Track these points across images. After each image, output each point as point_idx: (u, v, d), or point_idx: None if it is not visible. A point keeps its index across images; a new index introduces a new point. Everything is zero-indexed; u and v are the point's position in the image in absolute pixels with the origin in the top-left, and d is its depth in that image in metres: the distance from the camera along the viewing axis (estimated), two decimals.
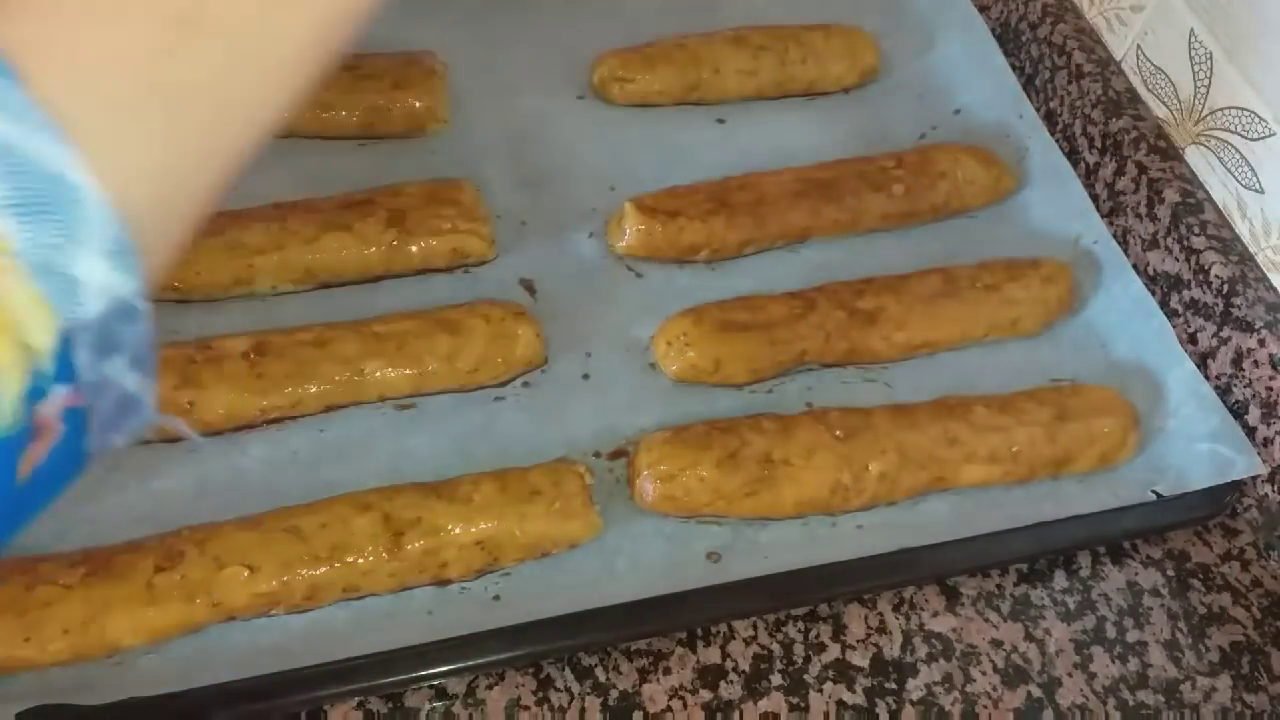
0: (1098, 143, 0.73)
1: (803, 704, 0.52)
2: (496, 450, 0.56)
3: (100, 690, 0.46)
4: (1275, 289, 0.64)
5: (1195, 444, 0.60)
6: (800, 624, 0.54)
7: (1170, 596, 0.58)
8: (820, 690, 0.52)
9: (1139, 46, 0.74)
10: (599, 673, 0.52)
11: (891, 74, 0.79)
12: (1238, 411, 0.63)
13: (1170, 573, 0.59)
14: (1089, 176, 0.74)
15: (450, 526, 0.51)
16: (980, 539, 0.56)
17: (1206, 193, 0.69)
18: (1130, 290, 0.67)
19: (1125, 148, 0.71)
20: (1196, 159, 0.70)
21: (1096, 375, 0.63)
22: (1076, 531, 0.58)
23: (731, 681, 0.52)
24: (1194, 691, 0.54)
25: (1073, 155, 0.75)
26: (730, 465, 0.54)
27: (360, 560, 0.50)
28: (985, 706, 0.53)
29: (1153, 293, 0.67)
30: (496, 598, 0.52)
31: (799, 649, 0.53)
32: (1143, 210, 0.70)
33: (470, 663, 0.50)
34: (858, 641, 0.54)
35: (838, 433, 0.56)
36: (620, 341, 0.62)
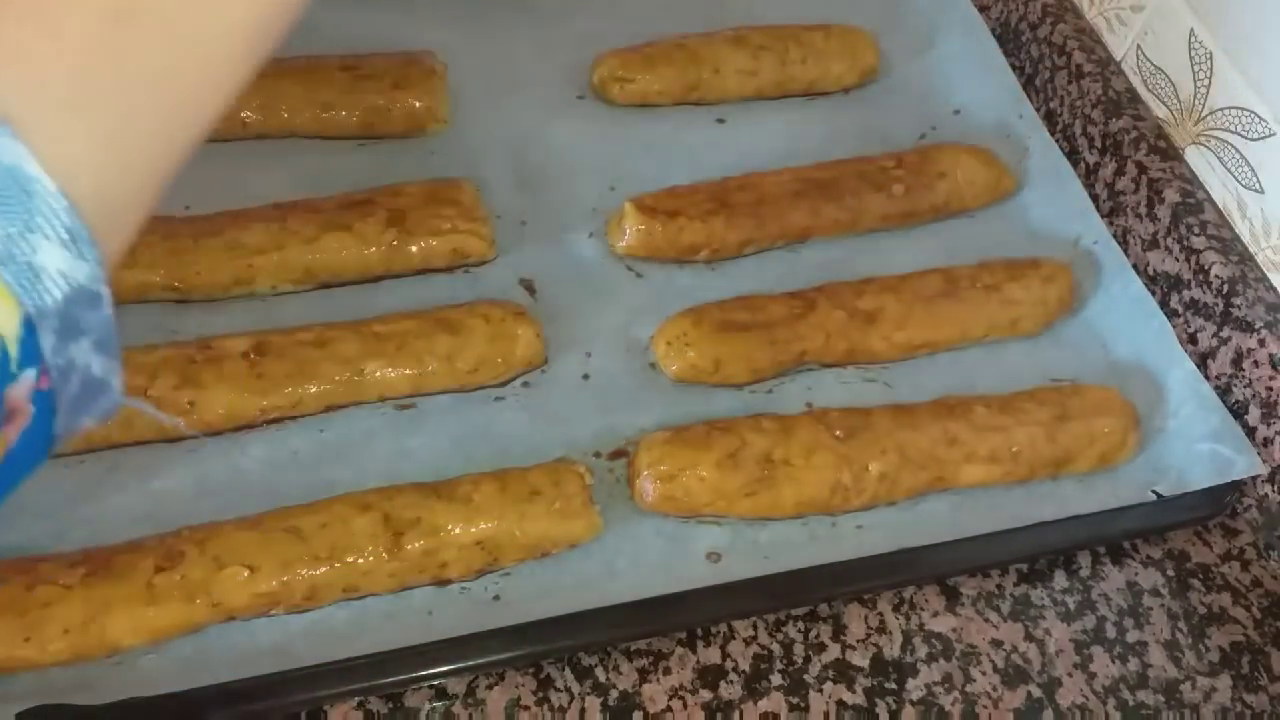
0: (1098, 143, 0.73)
1: (803, 704, 0.52)
2: (496, 450, 0.56)
3: (100, 690, 0.46)
4: (1275, 289, 0.64)
5: (1195, 444, 0.60)
6: (800, 624, 0.54)
7: (1170, 596, 0.58)
8: (820, 690, 0.52)
9: (1139, 46, 0.74)
10: (599, 673, 0.52)
11: (891, 74, 0.79)
12: (1238, 411, 0.63)
13: (1170, 573, 0.59)
14: (1089, 176, 0.74)
15: (450, 526, 0.51)
16: (980, 539, 0.56)
17: (1206, 193, 0.69)
18: (1130, 290, 0.67)
19: (1125, 148, 0.71)
20: (1196, 159, 0.70)
21: (1096, 375, 0.63)
22: (1076, 531, 0.58)
23: (731, 681, 0.52)
24: (1194, 691, 0.54)
25: (1073, 155, 0.75)
26: (730, 465, 0.54)
27: (360, 560, 0.50)
28: (985, 706, 0.53)
29: (1153, 293, 0.67)
30: (496, 598, 0.52)
31: (799, 649, 0.53)
32: (1143, 210, 0.70)
33: (470, 663, 0.50)
34: (858, 641, 0.54)
35: (838, 433, 0.56)
36: (620, 341, 0.62)
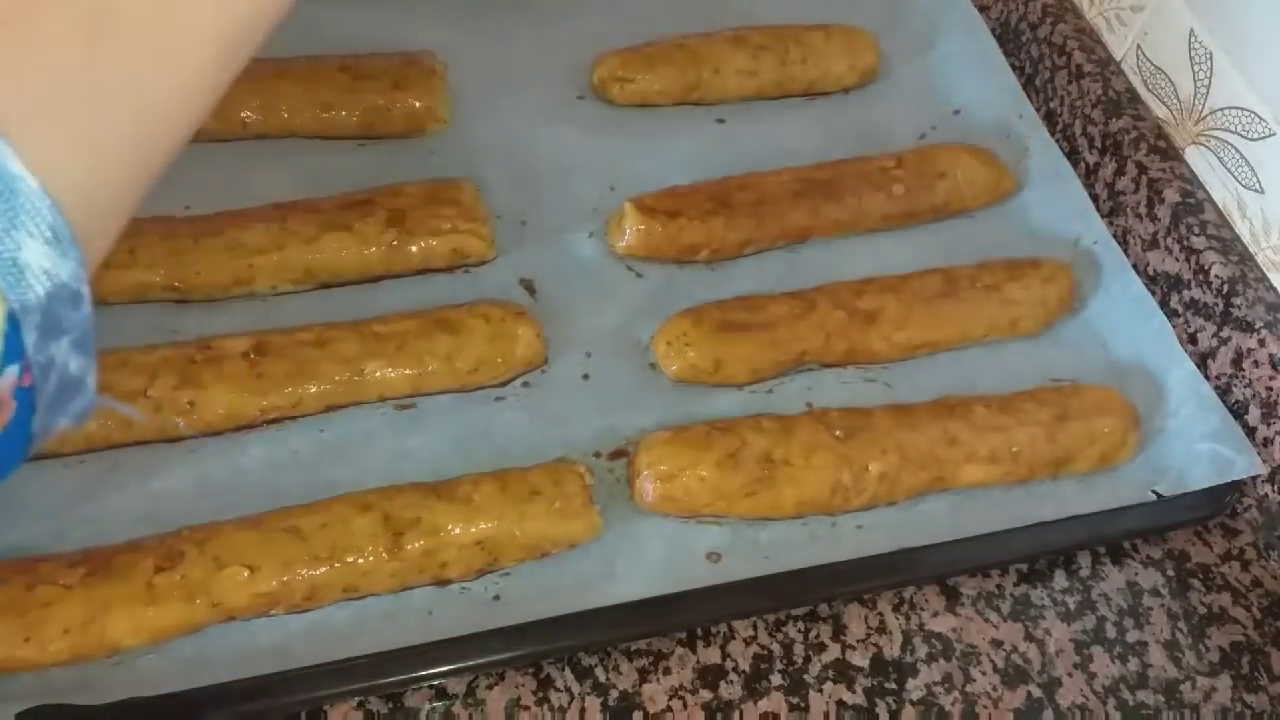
0: (1098, 143, 0.73)
1: (803, 704, 0.52)
2: (496, 450, 0.56)
3: (100, 690, 0.46)
4: (1275, 289, 0.64)
5: (1195, 444, 0.60)
6: (800, 624, 0.54)
7: (1170, 596, 0.58)
8: (820, 690, 0.52)
9: (1139, 46, 0.74)
10: (599, 673, 0.52)
11: (891, 74, 0.79)
12: (1238, 411, 0.63)
13: (1170, 573, 0.59)
14: (1089, 176, 0.74)
15: (450, 526, 0.51)
16: (980, 539, 0.56)
17: (1206, 193, 0.69)
18: (1130, 290, 0.67)
19: (1125, 148, 0.71)
20: (1196, 159, 0.70)
21: (1096, 375, 0.63)
22: (1076, 531, 0.58)
23: (731, 681, 0.52)
24: (1194, 691, 0.54)
25: (1073, 155, 0.75)
26: (730, 465, 0.54)
27: (360, 560, 0.50)
28: (985, 706, 0.53)
29: (1153, 293, 0.67)
30: (496, 598, 0.52)
31: (799, 649, 0.53)
32: (1143, 210, 0.70)
33: (470, 663, 0.50)
34: (858, 641, 0.54)
35: (838, 433, 0.56)
36: (620, 341, 0.62)
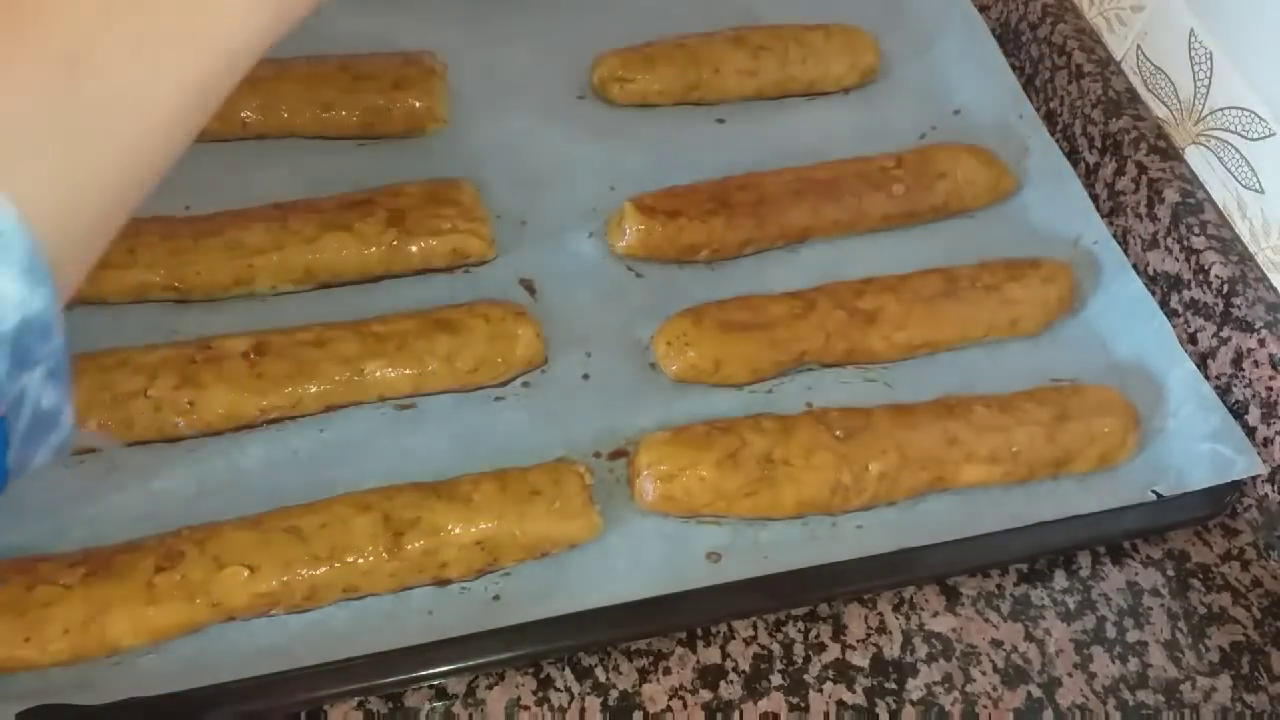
0: (1098, 143, 0.73)
1: (803, 704, 0.52)
2: (496, 450, 0.56)
3: (100, 690, 0.46)
4: (1275, 289, 0.64)
5: (1195, 444, 0.60)
6: (800, 624, 0.54)
7: (1170, 596, 0.58)
8: (820, 690, 0.52)
9: (1139, 46, 0.74)
10: (599, 673, 0.52)
11: (891, 74, 0.79)
12: (1238, 411, 0.63)
13: (1170, 573, 0.59)
14: (1089, 176, 0.74)
15: (450, 526, 0.51)
16: (980, 539, 0.56)
17: (1206, 193, 0.69)
18: (1130, 290, 0.67)
19: (1125, 148, 0.71)
20: (1196, 159, 0.70)
21: (1096, 375, 0.63)
22: (1076, 531, 0.58)
23: (731, 681, 0.52)
24: (1194, 691, 0.54)
25: (1073, 155, 0.75)
26: (730, 465, 0.54)
27: (360, 560, 0.50)
28: (985, 706, 0.53)
29: (1153, 293, 0.67)
30: (496, 598, 0.52)
31: (799, 649, 0.53)
32: (1143, 210, 0.70)
33: (470, 663, 0.50)
34: (858, 641, 0.54)
35: (838, 433, 0.56)
36: (620, 341, 0.62)
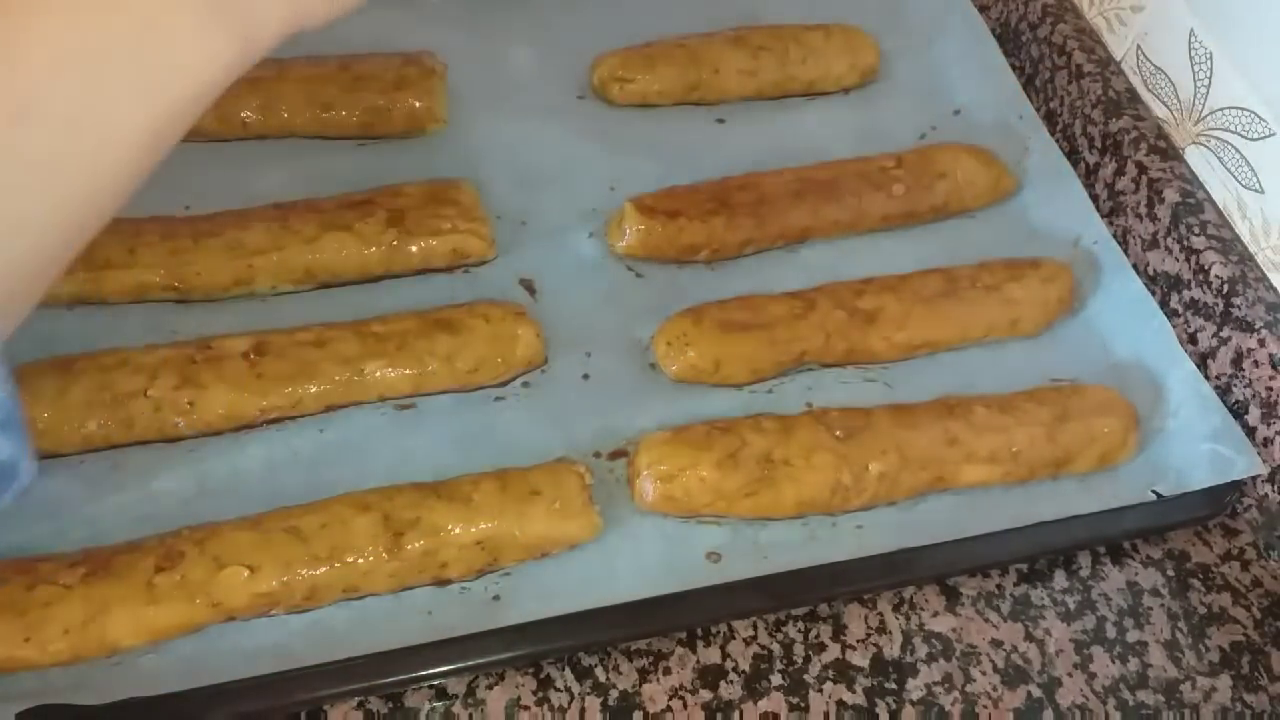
0: (1098, 143, 0.73)
1: (803, 704, 0.52)
2: (496, 450, 0.56)
3: (100, 690, 0.46)
4: (1275, 289, 0.64)
5: (1195, 444, 0.60)
6: (800, 624, 0.54)
7: (1170, 596, 0.58)
8: (820, 690, 0.52)
9: (1139, 46, 0.74)
10: (599, 673, 0.52)
11: (891, 74, 0.79)
12: (1238, 411, 0.63)
13: (1170, 573, 0.59)
14: (1089, 176, 0.74)
15: (450, 526, 0.51)
16: (980, 539, 0.56)
17: (1206, 193, 0.69)
18: (1130, 290, 0.67)
19: (1125, 148, 0.71)
20: (1196, 159, 0.70)
21: (1096, 375, 0.63)
22: (1076, 531, 0.58)
23: (731, 681, 0.52)
24: (1194, 691, 0.54)
25: (1073, 155, 0.75)
26: (730, 465, 0.54)
27: (360, 560, 0.50)
28: (985, 706, 0.53)
29: (1153, 293, 0.67)
30: (496, 598, 0.52)
31: (799, 649, 0.53)
32: (1143, 210, 0.70)
33: (470, 663, 0.50)
34: (858, 641, 0.54)
35: (838, 433, 0.56)
36: (620, 341, 0.62)
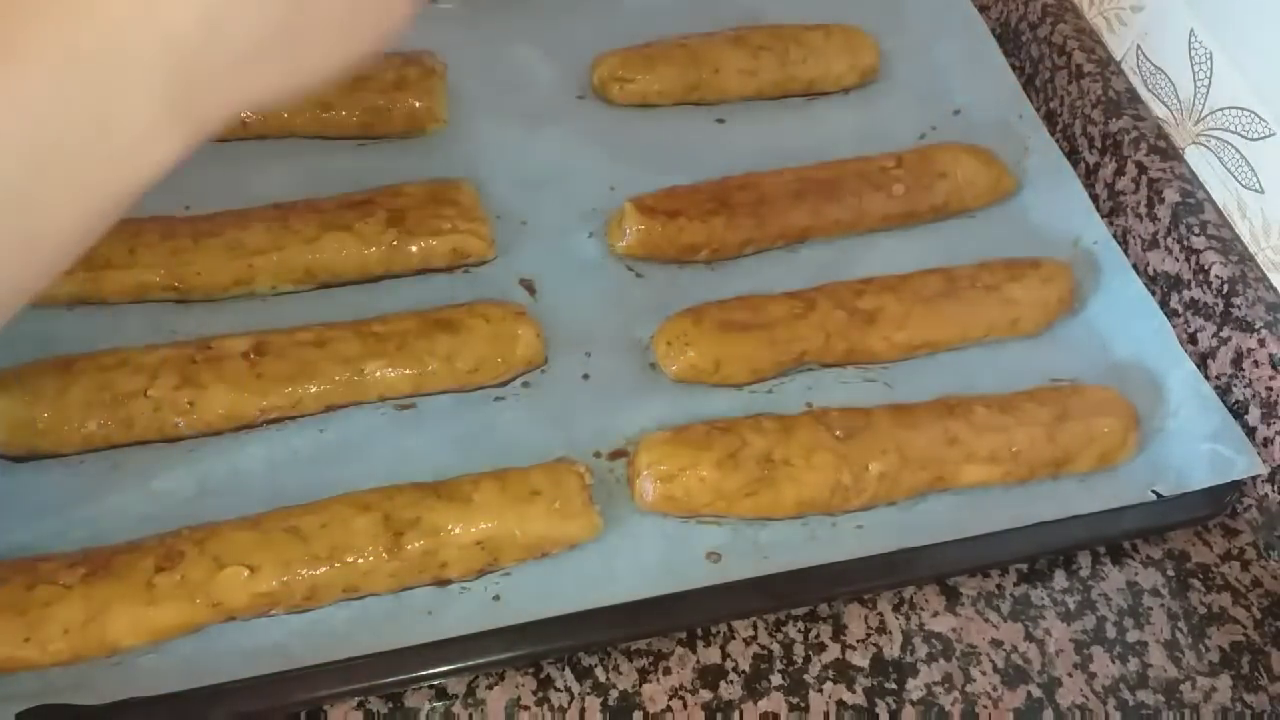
0: (1098, 143, 0.73)
1: (803, 704, 0.52)
2: (496, 450, 0.56)
3: (100, 690, 0.46)
4: (1275, 289, 0.64)
5: (1195, 444, 0.60)
6: (800, 624, 0.54)
7: (1170, 596, 0.58)
8: (820, 690, 0.52)
9: (1139, 46, 0.74)
10: (599, 673, 0.52)
11: (891, 74, 0.79)
12: (1238, 411, 0.63)
13: (1170, 573, 0.59)
14: (1089, 176, 0.74)
15: (450, 526, 0.51)
16: (980, 539, 0.56)
17: (1206, 193, 0.69)
18: (1130, 290, 0.67)
19: (1125, 148, 0.71)
20: (1196, 159, 0.70)
21: (1096, 375, 0.63)
22: (1076, 531, 0.58)
23: (731, 681, 0.52)
24: (1194, 691, 0.54)
25: (1073, 155, 0.75)
26: (730, 465, 0.54)
27: (360, 560, 0.50)
28: (985, 706, 0.53)
29: (1153, 293, 0.67)
30: (496, 598, 0.52)
31: (799, 649, 0.53)
32: (1143, 210, 0.70)
33: (470, 663, 0.50)
34: (858, 641, 0.54)
35: (838, 433, 0.56)
36: (620, 341, 0.62)
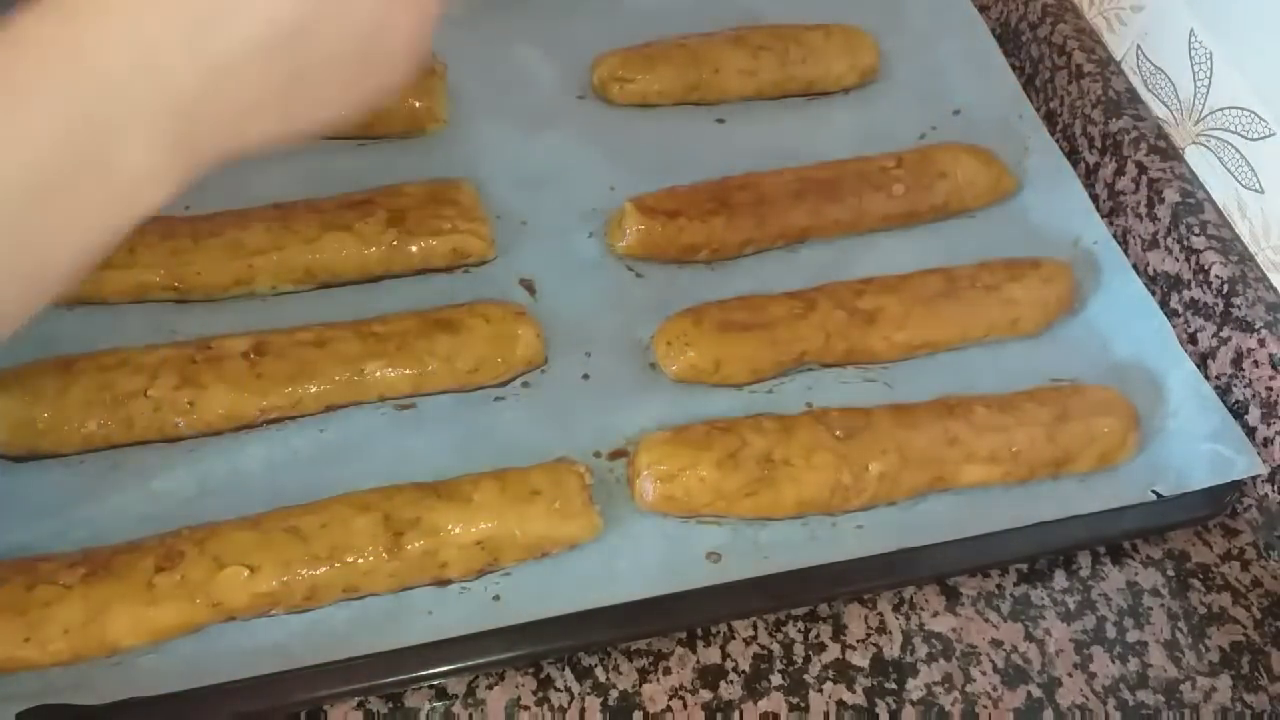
0: (1098, 143, 0.73)
1: (803, 704, 0.52)
2: (496, 450, 0.56)
3: (100, 690, 0.46)
4: (1275, 289, 0.64)
5: (1195, 444, 0.60)
6: (800, 624, 0.54)
7: (1170, 596, 0.58)
8: (820, 690, 0.52)
9: (1139, 46, 0.74)
10: (599, 673, 0.52)
11: (891, 74, 0.79)
12: (1238, 411, 0.63)
13: (1170, 573, 0.59)
14: (1089, 176, 0.74)
15: (450, 526, 0.51)
16: (980, 539, 0.56)
17: (1206, 193, 0.69)
18: (1130, 290, 0.67)
19: (1125, 148, 0.71)
20: (1196, 159, 0.70)
21: (1096, 375, 0.63)
22: (1076, 531, 0.58)
23: (731, 681, 0.52)
24: (1194, 691, 0.54)
25: (1073, 155, 0.75)
26: (730, 465, 0.54)
27: (360, 560, 0.50)
28: (985, 706, 0.53)
29: (1153, 293, 0.67)
30: (496, 598, 0.52)
31: (799, 649, 0.53)
32: (1143, 210, 0.70)
33: (470, 663, 0.50)
34: (858, 641, 0.54)
35: (838, 433, 0.56)
36: (620, 341, 0.62)
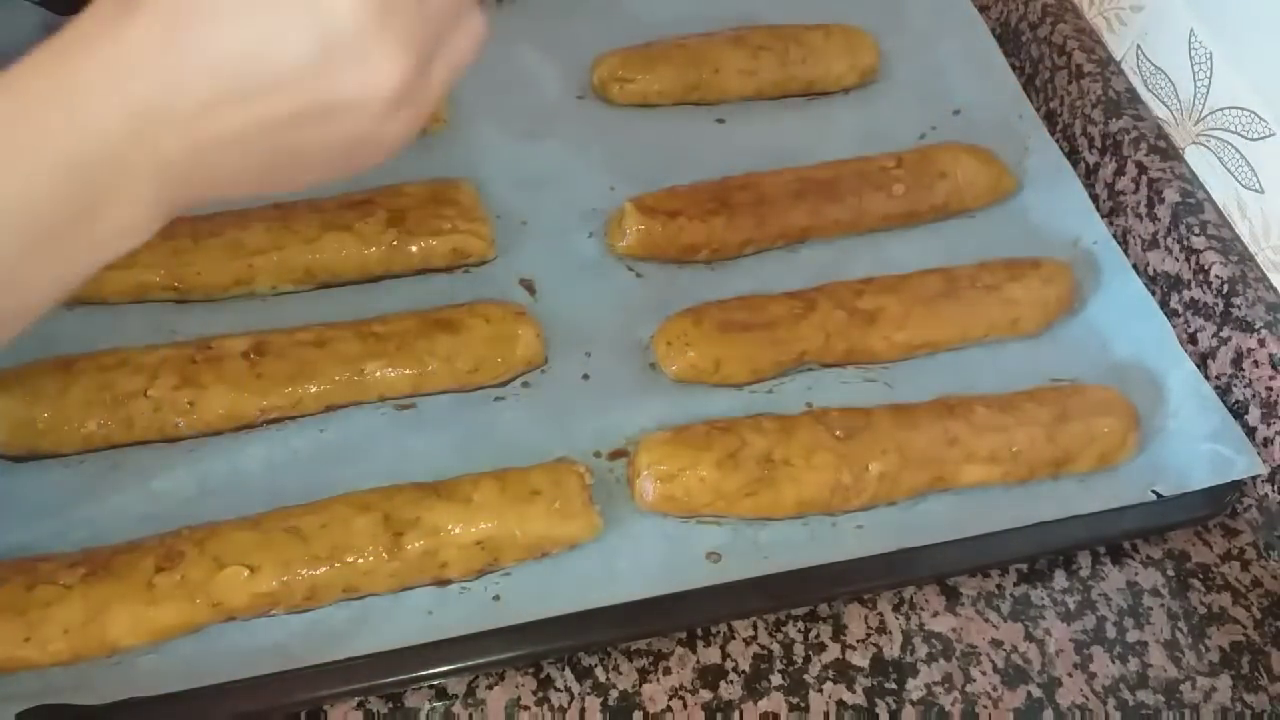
0: (1098, 143, 0.73)
1: (803, 704, 0.52)
2: (496, 450, 0.56)
3: (100, 690, 0.46)
4: (1275, 289, 0.64)
5: (1195, 444, 0.60)
6: (800, 624, 0.54)
7: (1170, 596, 0.58)
8: (820, 690, 0.52)
9: (1139, 46, 0.74)
10: (599, 673, 0.52)
11: (891, 74, 0.78)
12: (1238, 411, 0.63)
13: (1170, 573, 0.59)
14: (1089, 176, 0.74)
15: (450, 526, 0.51)
16: (980, 539, 0.56)
17: (1206, 193, 0.69)
18: (1130, 290, 0.67)
19: (1125, 148, 0.71)
20: (1196, 159, 0.70)
21: (1096, 375, 0.63)
22: (1076, 531, 0.58)
23: (731, 681, 0.52)
24: (1194, 691, 0.54)
25: (1073, 155, 0.75)
26: (730, 465, 0.54)
27: (360, 560, 0.50)
28: (985, 706, 0.53)
29: (1153, 293, 0.67)
30: (496, 598, 0.52)
31: (799, 649, 0.53)
32: (1143, 210, 0.70)
33: (470, 663, 0.50)
34: (858, 641, 0.54)
35: (838, 433, 0.56)
36: (620, 341, 0.62)
